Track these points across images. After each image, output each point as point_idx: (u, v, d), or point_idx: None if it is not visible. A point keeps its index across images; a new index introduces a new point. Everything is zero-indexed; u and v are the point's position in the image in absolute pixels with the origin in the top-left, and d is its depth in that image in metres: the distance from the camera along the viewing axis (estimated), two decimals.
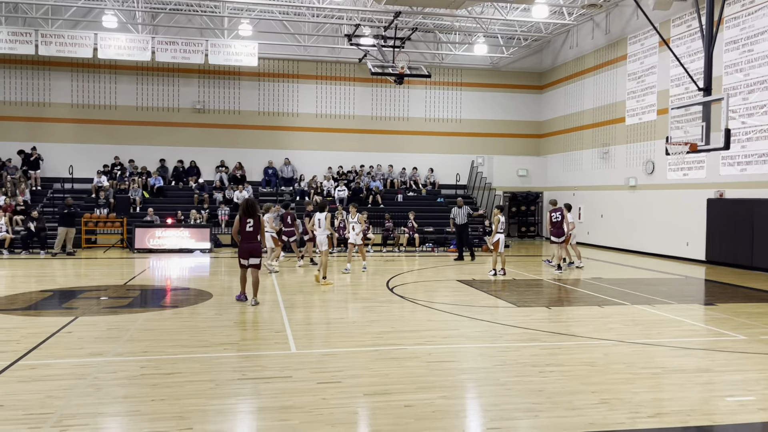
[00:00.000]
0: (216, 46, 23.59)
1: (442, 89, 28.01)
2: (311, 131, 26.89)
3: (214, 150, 25.86)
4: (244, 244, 10.63)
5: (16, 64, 24.46)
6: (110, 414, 5.41)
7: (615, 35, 23.06)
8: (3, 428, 4.97)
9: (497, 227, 15.30)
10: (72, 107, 25.05)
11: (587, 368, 6.90)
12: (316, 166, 26.48)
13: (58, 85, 24.90)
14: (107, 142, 25.06)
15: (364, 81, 26.97)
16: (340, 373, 6.59)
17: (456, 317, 9.80)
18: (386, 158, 27.27)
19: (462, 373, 6.78)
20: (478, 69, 28.17)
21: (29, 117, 24.68)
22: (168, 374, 6.49)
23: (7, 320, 9.14)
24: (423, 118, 27.89)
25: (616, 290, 12.76)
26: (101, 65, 24.86)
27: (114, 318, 9.43)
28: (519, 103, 28.64)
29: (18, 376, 6.31)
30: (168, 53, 23.30)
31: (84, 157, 24.60)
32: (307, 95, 26.86)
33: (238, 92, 26.28)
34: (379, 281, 13.87)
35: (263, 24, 24.77)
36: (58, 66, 24.68)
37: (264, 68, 26.08)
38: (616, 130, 23.11)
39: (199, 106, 25.87)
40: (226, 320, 9.37)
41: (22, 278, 14.00)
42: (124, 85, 25.37)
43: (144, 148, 25.33)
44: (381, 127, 27.48)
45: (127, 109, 25.42)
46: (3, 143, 24.24)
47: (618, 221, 22.75)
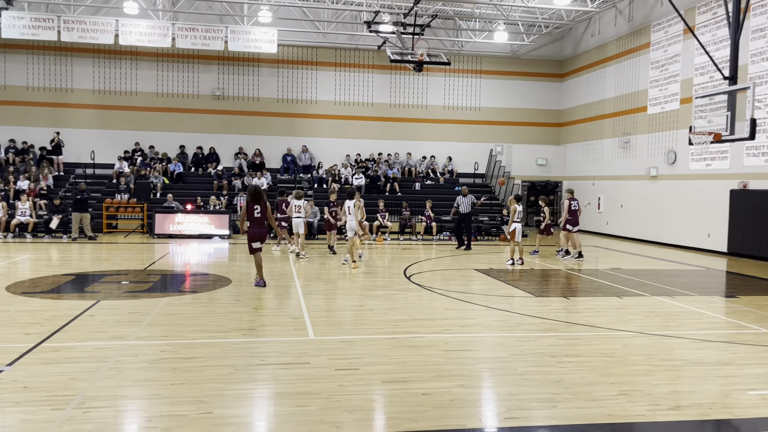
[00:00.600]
0: (235, 32, 23.62)
1: (461, 77, 27.81)
2: (329, 119, 26.88)
3: (233, 137, 25.97)
4: (254, 229, 11.03)
5: (38, 50, 24.72)
6: (131, 397, 5.49)
7: (638, 23, 22.68)
8: (27, 409, 5.06)
9: (513, 216, 15.20)
10: (94, 93, 25.28)
11: (606, 359, 6.86)
12: (334, 153, 26.48)
13: (80, 71, 25.12)
14: (128, 128, 25.29)
15: (383, 68, 26.86)
16: (357, 360, 6.62)
17: (473, 306, 9.79)
18: (404, 146, 27.20)
19: (479, 362, 6.77)
20: (497, 57, 27.91)
21: (52, 103, 24.96)
22: (188, 358, 6.56)
23: (31, 303, 9.30)
24: (442, 106, 27.73)
25: (635, 281, 12.65)
26: (122, 51, 25.02)
27: (135, 302, 9.55)
28: (539, 91, 28.36)
29: (42, 358, 6.42)
30: (188, 40, 23.39)
31: (105, 142, 24.86)
32: (325, 82, 26.82)
33: (257, 79, 26.32)
34: (396, 269, 13.88)
35: (282, 11, 24.73)
36: (80, 52, 24.88)
37: (283, 55, 26.08)
38: (637, 119, 22.80)
39: (218, 92, 25.96)
40: (244, 306, 9.44)
41: (45, 262, 14.22)
42: (145, 71, 25.53)
43: (164, 134, 25.51)
44: (399, 114, 27.39)
45: (148, 96, 25.59)
46: (27, 128, 24.56)
47: (638, 211, 22.51)
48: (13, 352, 6.58)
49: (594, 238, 23.88)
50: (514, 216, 15.18)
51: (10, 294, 9.93)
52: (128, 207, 21.55)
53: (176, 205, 21.30)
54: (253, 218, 11.05)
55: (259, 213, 11.02)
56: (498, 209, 24.01)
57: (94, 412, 5.03)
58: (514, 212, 15.17)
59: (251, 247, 11.11)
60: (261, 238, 11.09)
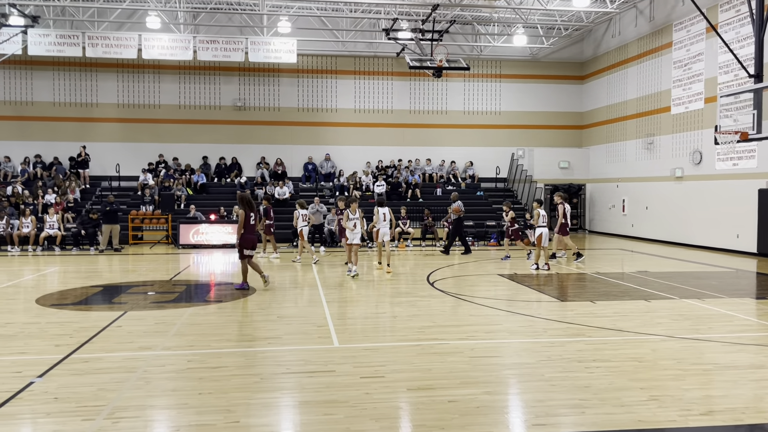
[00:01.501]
0: (255, 43, 23.88)
1: (480, 81, 27.75)
2: (350, 126, 26.99)
3: (255, 146, 26.20)
4: (249, 236, 11.58)
5: (64, 67, 25.22)
6: (159, 406, 5.54)
7: (659, 22, 22.44)
8: (58, 420, 5.14)
9: (538, 221, 15.00)
10: (118, 107, 25.71)
11: (635, 364, 6.75)
12: (355, 161, 26.57)
13: (105, 86, 25.58)
14: (152, 141, 25.66)
15: (402, 75, 26.92)
16: (382, 367, 6.61)
17: (498, 312, 9.72)
18: (425, 152, 27.18)
19: (506, 368, 6.71)
20: (517, 60, 27.80)
21: (78, 117, 25.45)
22: (214, 368, 6.61)
23: (61, 315, 9.45)
24: (462, 111, 27.69)
25: (662, 284, 12.45)
26: (145, 65, 25.43)
27: (161, 312, 9.65)
28: (559, 94, 28.17)
29: (72, 369, 6.51)
30: (209, 52, 23.71)
31: (130, 155, 25.25)
32: (345, 91, 26.95)
33: (277, 89, 26.55)
34: (419, 275, 13.85)
35: (301, 21, 24.94)
36: (104, 67, 25.35)
37: (303, 65, 26.27)
38: (661, 119, 22.52)
39: (239, 103, 26.23)
40: (269, 315, 9.49)
41: (74, 274, 14.45)
42: (168, 84, 25.90)
43: (187, 145, 25.84)
44: (419, 121, 27.40)
45: (171, 108, 25.96)
46: (54, 143, 25.06)
47: (663, 213, 22.19)
48: (43, 363, 6.69)
49: (619, 240, 23.59)
50: (538, 221, 15.00)
51: (40, 306, 10.11)
52: (153, 218, 21.84)
53: (200, 216, 21.53)
54: (248, 226, 11.52)
55: (253, 221, 11.60)
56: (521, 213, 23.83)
57: (124, 422, 5.09)
58: (538, 216, 14.99)
59: (244, 253, 11.55)
60: (255, 245, 11.72)
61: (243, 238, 11.52)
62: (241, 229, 11.51)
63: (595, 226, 27.43)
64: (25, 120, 25.16)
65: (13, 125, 25.12)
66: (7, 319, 9.15)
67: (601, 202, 26.95)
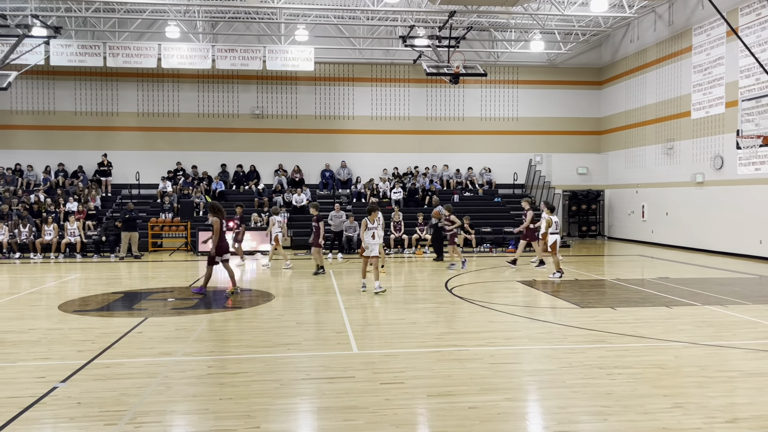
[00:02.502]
0: (273, 52, 24.08)
1: (498, 88, 27.69)
2: (367, 133, 27.05)
3: (272, 154, 26.36)
4: (224, 243, 11.96)
5: (85, 76, 25.60)
6: (180, 412, 5.57)
7: (679, 26, 22.25)
8: (81, 425, 5.19)
9: (549, 228, 14.44)
10: (138, 116, 26.03)
11: (658, 371, 6.67)
12: (372, 167, 26.61)
13: (125, 95, 25.92)
14: (171, 149, 25.93)
15: (419, 82, 26.95)
16: (402, 374, 6.59)
17: (517, 318, 9.65)
18: (442, 159, 27.15)
19: (526, 375, 6.66)
20: (534, 66, 27.71)
21: (99, 126, 25.80)
22: (234, 374, 6.63)
23: (83, 321, 9.55)
24: (479, 117, 27.64)
25: (684, 290, 12.29)
26: (165, 75, 25.73)
27: (181, 319, 9.72)
28: (577, 99, 28.02)
29: (94, 375, 6.58)
30: (227, 60, 23.95)
31: (149, 163, 25.53)
32: (362, 98, 27.04)
33: (295, 97, 26.71)
34: (438, 282, 13.81)
35: (319, 29, 25.09)
36: (124, 76, 25.68)
37: (320, 72, 26.41)
38: (681, 124, 22.29)
39: (257, 111, 26.42)
40: (287, 321, 9.51)
41: (95, 281, 14.60)
42: (186, 93, 26.18)
43: (206, 153, 26.07)
44: (436, 127, 27.39)
45: (190, 116, 26.22)
46: (75, 152, 25.43)
47: (684, 219, 21.92)
48: (66, 368, 6.76)
49: (639, 247, 23.34)
50: (549, 227, 14.58)
51: (63, 312, 10.23)
52: (172, 226, 22.03)
53: None
54: (221, 233, 11.95)
55: (225, 228, 12.10)
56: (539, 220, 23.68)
57: (146, 427, 5.12)
58: (549, 224, 14.56)
59: (215, 260, 11.86)
60: (227, 250, 12.11)
61: (220, 245, 11.84)
62: (218, 236, 11.78)
63: (614, 233, 27.18)
64: (47, 129, 25.56)
65: (36, 134, 25.53)
66: (31, 325, 9.28)
67: (620, 208, 26.70)
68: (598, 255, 20.96)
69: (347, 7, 23.01)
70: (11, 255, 19.61)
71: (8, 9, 22.18)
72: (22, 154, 25.22)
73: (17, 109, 25.49)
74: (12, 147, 25.31)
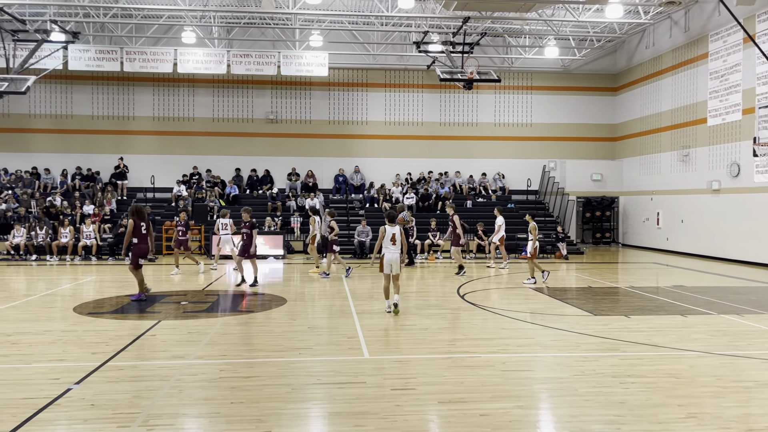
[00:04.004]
0: (288, 57, 24.22)
1: (511, 93, 27.64)
2: (380, 139, 27.10)
3: (286, 159, 26.48)
4: (141, 246, 11.80)
5: (102, 81, 25.90)
6: (192, 415, 5.60)
7: (695, 33, 22.09)
8: (95, 426, 5.23)
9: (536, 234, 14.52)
10: (153, 120, 26.27)
11: (672, 380, 6.60)
12: (385, 173, 26.64)
13: (141, 100, 26.18)
14: (186, 153, 26.13)
15: (433, 87, 26.97)
16: (413, 380, 6.58)
17: (530, 325, 9.60)
18: (455, 164, 27.13)
19: (538, 382, 6.62)
20: (548, 72, 27.64)
21: (115, 130, 26.08)
22: (246, 378, 6.66)
23: (97, 323, 9.63)
24: (492, 123, 27.59)
25: (700, 299, 12.17)
26: (180, 79, 25.96)
27: (194, 322, 9.77)
28: (592, 105, 27.90)
29: (108, 377, 6.63)
30: (242, 66, 24.11)
31: (165, 167, 25.74)
32: (375, 103, 27.11)
33: (309, 102, 26.83)
34: (450, 288, 13.78)
35: (333, 34, 25.22)
36: (141, 81, 25.95)
37: (334, 78, 26.51)
38: (696, 131, 22.11)
39: (271, 116, 26.57)
40: (299, 325, 9.53)
41: (109, 283, 14.73)
42: (202, 97, 26.40)
43: (220, 157, 26.24)
44: (449, 133, 27.38)
45: (205, 121, 26.42)
46: (92, 155, 25.71)
47: (700, 226, 21.72)
48: (81, 370, 6.82)
49: (653, 254, 23.15)
50: (535, 233, 14.57)
51: (77, 314, 10.32)
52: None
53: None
54: (140, 235, 11.78)
55: (145, 230, 11.85)
56: (552, 226, 23.59)
57: (158, 430, 5.15)
58: (534, 230, 14.56)
59: (137, 263, 11.73)
60: (146, 254, 11.95)
61: (136, 248, 11.77)
62: (129, 238, 11.76)
63: (628, 240, 26.97)
64: (64, 133, 25.87)
65: (54, 138, 25.84)
66: (46, 326, 9.37)
67: (634, 215, 26.51)
68: (612, 262, 20.82)
69: (362, 13, 23.10)
70: (28, 257, 19.85)
71: (28, 14, 22.52)
72: (40, 157, 25.53)
73: (35, 113, 25.83)
74: (30, 150, 25.65)
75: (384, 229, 10.38)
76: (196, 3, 21.68)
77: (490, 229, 21.90)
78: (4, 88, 19.01)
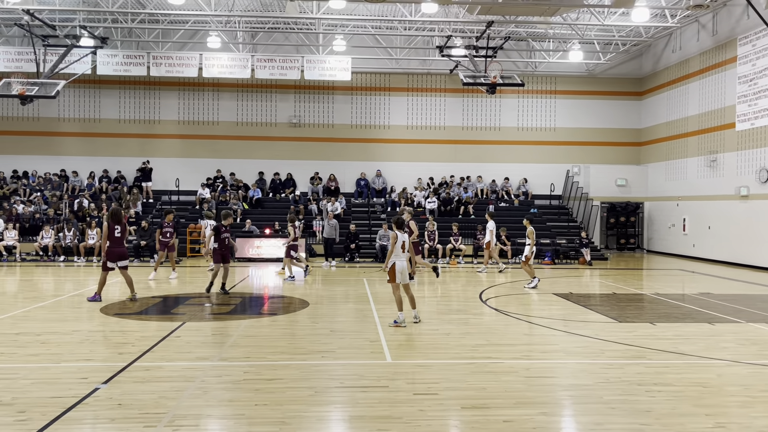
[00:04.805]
0: (311, 62, 24.36)
1: (535, 97, 27.48)
2: (402, 143, 27.12)
3: (309, 162, 26.62)
4: (114, 249, 11.82)
5: (129, 85, 26.31)
6: (217, 416, 5.66)
7: (723, 36, 21.76)
8: (122, 426, 5.30)
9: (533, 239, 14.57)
10: (179, 124, 26.61)
11: (699, 389, 6.50)
12: (407, 177, 26.63)
13: (167, 104, 26.54)
14: (210, 156, 26.42)
15: (455, 91, 26.93)
16: (436, 384, 6.56)
17: (553, 331, 9.52)
18: (477, 168, 27.02)
19: (562, 389, 6.57)
20: (573, 76, 27.43)
21: (141, 134, 26.48)
22: (269, 380, 6.70)
23: (123, 324, 9.78)
24: (515, 127, 27.45)
25: (727, 306, 11.96)
26: (205, 84, 26.27)
27: (218, 324, 9.87)
28: (617, 110, 27.62)
29: (134, 377, 6.72)
30: (266, 70, 24.33)
31: (189, 170, 26.05)
32: (398, 107, 27.14)
33: (331, 106, 26.96)
34: (472, 293, 13.72)
35: (356, 39, 25.32)
36: (166, 85, 26.31)
37: (357, 82, 26.61)
38: (724, 136, 21.75)
39: (295, 120, 26.75)
40: (322, 328, 9.57)
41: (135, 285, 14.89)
42: (226, 102, 26.68)
43: (244, 161, 26.48)
44: (472, 137, 27.30)
45: (229, 125, 26.69)
46: (119, 159, 26.13)
47: (727, 233, 21.34)
48: (108, 370, 6.93)
49: (679, 261, 22.81)
50: (533, 238, 14.56)
51: (104, 315, 10.48)
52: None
53: (255, 230, 21.95)
54: (113, 238, 11.80)
55: (119, 233, 11.85)
56: (576, 231, 23.38)
57: (183, 430, 5.21)
58: (532, 234, 14.55)
59: (106, 265, 11.80)
60: (121, 257, 11.93)
61: (108, 251, 11.84)
62: (106, 240, 11.85)
63: (653, 246, 26.61)
64: (92, 136, 26.33)
65: (82, 141, 26.31)
66: (74, 326, 9.54)
67: (660, 220, 26.16)
68: (637, 268, 20.56)
69: (385, 18, 23.17)
70: (56, 258, 20.21)
71: (58, 20, 22.98)
72: (68, 160, 26.01)
73: (64, 116, 26.32)
74: (59, 153, 26.14)
75: (395, 235, 9.70)
76: (222, 8, 21.93)
77: (513, 234, 21.80)
78: (35, 93, 19.41)
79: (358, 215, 24.77)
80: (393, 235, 9.78)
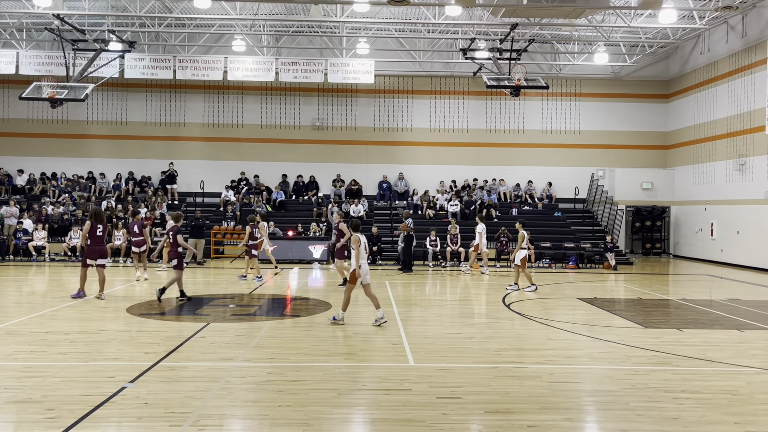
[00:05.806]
0: (335, 65, 24.48)
1: (559, 100, 27.26)
2: (425, 145, 27.10)
3: (331, 165, 26.71)
4: (95, 247, 12.26)
5: (156, 88, 26.69)
6: (241, 416, 5.70)
7: (752, 38, 21.38)
8: (148, 424, 5.37)
9: (521, 243, 14.42)
10: (203, 126, 26.91)
11: (728, 397, 6.38)
12: (429, 180, 26.59)
13: (192, 107, 26.86)
14: (234, 159, 26.66)
15: (479, 94, 26.83)
16: (459, 388, 6.54)
17: (578, 336, 9.43)
18: (500, 171, 26.89)
19: (587, 395, 6.50)
20: (598, 78, 27.16)
21: (167, 137, 26.82)
22: (293, 381, 6.74)
23: (149, 324, 9.90)
24: (539, 130, 27.26)
25: (757, 313, 11.73)
26: (230, 87, 26.54)
27: (241, 325, 9.95)
28: (643, 113, 27.27)
29: (160, 377, 6.81)
30: (290, 73, 24.51)
31: (213, 172, 26.32)
32: (421, 110, 27.13)
33: (354, 109, 27.04)
34: (495, 297, 13.65)
35: (380, 42, 25.37)
36: (192, 88, 26.63)
37: (380, 85, 26.65)
38: (754, 139, 21.35)
39: (318, 123, 26.88)
40: (344, 330, 9.59)
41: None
42: (250, 104, 26.91)
43: (267, 164, 26.67)
44: (495, 140, 27.17)
45: (253, 128, 26.92)
46: (145, 161, 26.50)
47: (757, 238, 20.93)
48: (134, 369, 7.03)
49: (707, 266, 22.43)
50: (522, 242, 14.41)
51: (130, 315, 10.63)
52: (234, 233, 22.58)
53: (278, 232, 22.09)
54: (94, 237, 12.19)
55: (101, 232, 12.25)
56: (600, 235, 23.13)
57: (208, 430, 5.26)
58: (522, 239, 14.42)
59: (85, 262, 12.28)
60: (102, 255, 12.37)
61: (89, 249, 12.18)
62: (86, 239, 12.18)
63: (680, 251, 26.21)
64: (119, 139, 26.75)
65: (109, 143, 26.75)
66: (101, 326, 9.69)
67: (687, 225, 25.75)
68: (663, 273, 20.26)
69: (408, 21, 23.18)
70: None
71: (87, 24, 23.41)
72: (96, 162, 26.44)
73: (92, 119, 26.78)
74: (87, 155, 26.59)
75: (358, 238, 9.76)
76: (247, 12, 22.14)
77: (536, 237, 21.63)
78: (65, 96, 19.76)
79: (380, 218, 24.80)
80: (356, 238, 9.81)
